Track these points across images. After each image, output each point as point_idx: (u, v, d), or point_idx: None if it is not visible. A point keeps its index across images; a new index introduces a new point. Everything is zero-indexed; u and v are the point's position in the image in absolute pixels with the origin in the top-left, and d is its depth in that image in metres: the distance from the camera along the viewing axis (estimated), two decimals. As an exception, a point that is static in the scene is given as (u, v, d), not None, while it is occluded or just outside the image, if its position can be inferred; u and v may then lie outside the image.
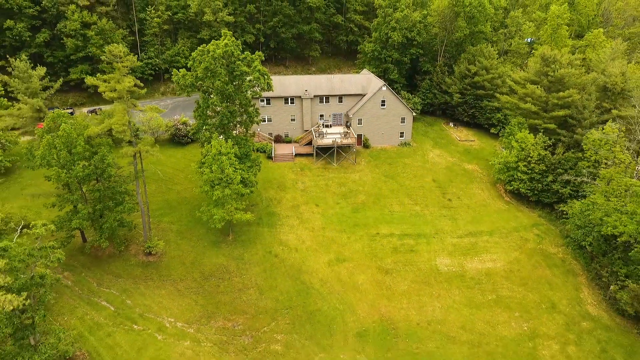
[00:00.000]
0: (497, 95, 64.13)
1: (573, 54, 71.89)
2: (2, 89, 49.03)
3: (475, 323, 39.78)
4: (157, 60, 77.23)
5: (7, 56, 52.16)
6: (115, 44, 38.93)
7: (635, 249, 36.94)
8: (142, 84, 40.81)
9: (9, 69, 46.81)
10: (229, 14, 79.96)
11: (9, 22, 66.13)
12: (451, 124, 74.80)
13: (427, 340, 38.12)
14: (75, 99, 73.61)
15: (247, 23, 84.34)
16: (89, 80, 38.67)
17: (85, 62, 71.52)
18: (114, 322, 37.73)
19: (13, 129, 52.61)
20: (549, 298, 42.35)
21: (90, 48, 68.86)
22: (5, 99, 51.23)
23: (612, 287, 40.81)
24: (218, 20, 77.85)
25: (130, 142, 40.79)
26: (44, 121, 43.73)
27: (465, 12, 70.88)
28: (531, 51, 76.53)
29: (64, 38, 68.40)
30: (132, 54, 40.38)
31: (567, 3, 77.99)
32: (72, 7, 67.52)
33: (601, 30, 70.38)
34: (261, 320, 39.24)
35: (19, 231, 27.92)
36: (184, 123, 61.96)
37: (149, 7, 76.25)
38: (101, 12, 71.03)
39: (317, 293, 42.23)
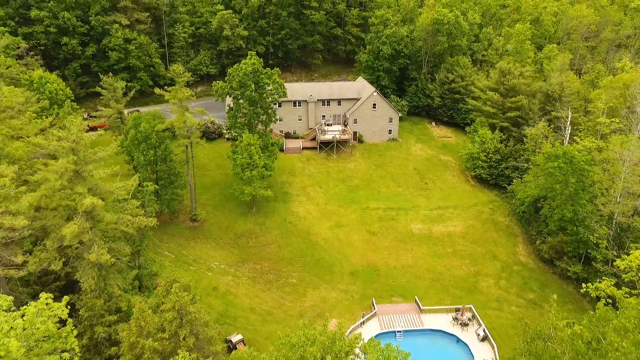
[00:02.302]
0: (467, 99, 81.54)
1: (535, 63, 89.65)
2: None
3: (436, 267, 57.14)
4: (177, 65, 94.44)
5: (100, 74, 69.93)
6: (176, 64, 56.32)
7: (543, 209, 54.38)
8: (193, 93, 58.13)
9: (101, 83, 64.32)
10: (244, 29, 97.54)
11: (65, 39, 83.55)
12: (433, 123, 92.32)
13: (400, 277, 55.45)
14: (105, 101, 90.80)
15: (258, 36, 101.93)
16: (158, 91, 56.06)
17: (125, 71, 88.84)
18: (175, 264, 54.92)
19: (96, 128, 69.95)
20: (492, 251, 59.75)
21: (130, 60, 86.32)
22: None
23: (537, 242, 58.20)
24: (235, 34, 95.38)
25: (185, 136, 57.99)
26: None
27: (445, 29, 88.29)
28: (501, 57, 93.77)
29: (109, 51, 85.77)
30: (187, 71, 57.69)
31: (532, 21, 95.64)
32: (116, 26, 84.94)
33: (555, 45, 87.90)
34: (281, 264, 56.57)
35: (130, 194, 44.82)
36: (212, 122, 79.25)
37: (177, 24, 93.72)
38: (139, 29, 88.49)
39: (321, 247, 59.56)
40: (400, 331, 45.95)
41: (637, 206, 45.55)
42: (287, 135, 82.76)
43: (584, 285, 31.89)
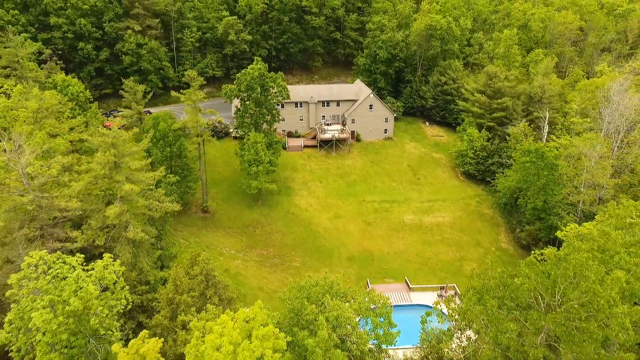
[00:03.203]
0: (457, 101, 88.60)
1: (523, 66, 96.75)
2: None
3: (425, 253, 64.15)
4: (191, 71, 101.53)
5: (122, 78, 77.26)
6: (191, 70, 63.28)
7: (520, 199, 61.40)
8: (206, 96, 65.06)
9: (123, 86, 71.40)
10: (248, 33, 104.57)
11: (81, 44, 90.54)
12: (426, 123, 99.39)
13: (392, 262, 62.45)
14: (126, 102, 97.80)
15: (261, 40, 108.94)
16: (174, 93, 63.10)
17: (136, 74, 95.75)
18: (190, 249, 61.74)
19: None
20: (476, 239, 66.76)
21: (142, 63, 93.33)
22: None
23: (517, 230, 65.22)
24: (239, 39, 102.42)
25: (198, 135, 64.99)
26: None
27: (438, 34, 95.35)
28: (492, 61, 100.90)
29: (122, 55, 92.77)
30: (199, 75, 64.67)
31: (520, 26, 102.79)
32: (130, 32, 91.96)
33: (541, 50, 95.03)
34: (285, 250, 63.55)
35: (154, 185, 51.65)
36: (219, 122, 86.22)
37: (185, 29, 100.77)
38: (150, 34, 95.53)
39: (321, 236, 66.54)
40: (391, 306, 52.76)
41: (600, 195, 52.51)
42: (290, 134, 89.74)
43: (532, 252, 38.42)
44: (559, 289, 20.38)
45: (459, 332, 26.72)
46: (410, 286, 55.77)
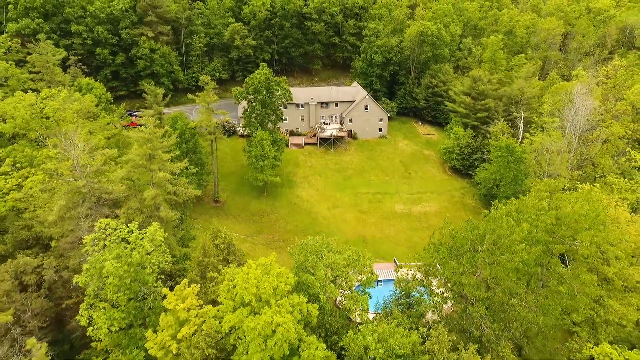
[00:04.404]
0: (446, 102, 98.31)
1: (508, 70, 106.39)
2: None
3: (413, 238, 73.74)
4: (199, 74, 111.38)
5: (138, 81, 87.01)
6: (205, 75, 72.91)
7: (495, 190, 71.01)
8: (218, 98, 74.73)
9: (145, 89, 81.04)
10: (252, 39, 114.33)
11: (98, 49, 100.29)
12: (419, 122, 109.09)
13: (383, 245, 72.03)
14: (140, 103, 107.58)
15: (265, 44, 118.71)
16: (190, 95, 72.75)
17: (149, 77, 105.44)
18: (208, 230, 71.36)
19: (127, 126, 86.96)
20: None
21: (154, 67, 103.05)
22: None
23: (495, 218, 74.77)
24: (244, 44, 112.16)
25: (211, 132, 74.58)
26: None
27: (429, 40, 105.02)
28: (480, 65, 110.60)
29: (137, 60, 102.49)
30: (212, 80, 74.31)
31: (506, 32, 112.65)
32: (143, 38, 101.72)
33: (523, 55, 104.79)
34: (288, 235, 73.11)
35: (177, 174, 61.17)
36: (227, 121, 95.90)
37: (194, 35, 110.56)
38: (162, 40, 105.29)
39: (320, 223, 76.13)
40: (380, 280, 62.41)
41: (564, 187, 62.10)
42: (292, 133, 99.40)
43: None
44: (485, 239, 29.84)
45: (423, 276, 36.27)
46: (398, 263, 65.32)
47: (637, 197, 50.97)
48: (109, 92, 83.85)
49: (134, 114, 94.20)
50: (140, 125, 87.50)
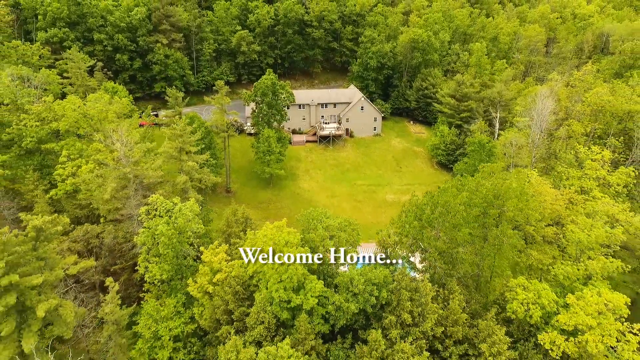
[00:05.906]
0: (434, 103, 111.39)
1: (492, 74, 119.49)
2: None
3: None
4: (208, 77, 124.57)
5: (167, 86, 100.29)
6: (219, 81, 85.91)
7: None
8: (229, 99, 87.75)
9: (166, 92, 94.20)
10: (257, 44, 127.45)
11: (117, 55, 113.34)
12: (411, 122, 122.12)
13: (376, 229, 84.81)
14: (154, 104, 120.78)
15: (269, 50, 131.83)
16: (206, 98, 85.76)
17: (163, 80, 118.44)
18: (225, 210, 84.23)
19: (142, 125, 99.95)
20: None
21: (168, 71, 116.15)
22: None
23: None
24: (250, 49, 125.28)
25: (224, 130, 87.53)
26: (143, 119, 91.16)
27: (420, 46, 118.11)
28: (467, 68, 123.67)
29: (152, 65, 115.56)
30: (226, 84, 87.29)
31: (491, 39, 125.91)
32: (158, 45, 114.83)
33: (504, 61, 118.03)
34: (292, 221, 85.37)
35: (201, 165, 73.85)
36: (236, 121, 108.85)
37: (204, 41, 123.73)
38: (175, 46, 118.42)
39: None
40: (370, 255, 75.28)
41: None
42: (294, 131, 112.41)
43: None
44: (437, 204, 42.72)
45: (398, 236, 49.18)
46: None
47: (580, 184, 63.89)
48: (131, 96, 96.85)
49: (157, 114, 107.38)
50: (156, 124, 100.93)
